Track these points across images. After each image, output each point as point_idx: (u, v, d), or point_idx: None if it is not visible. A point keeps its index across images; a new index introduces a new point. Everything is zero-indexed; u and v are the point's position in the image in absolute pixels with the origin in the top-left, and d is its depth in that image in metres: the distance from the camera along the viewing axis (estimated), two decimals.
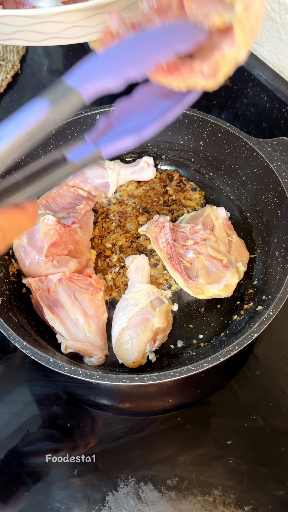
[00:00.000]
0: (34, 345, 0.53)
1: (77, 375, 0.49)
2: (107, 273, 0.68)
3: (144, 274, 0.65)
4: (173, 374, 0.49)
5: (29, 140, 0.30)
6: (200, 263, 0.64)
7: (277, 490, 0.52)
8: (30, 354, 0.51)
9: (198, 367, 0.50)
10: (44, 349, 0.55)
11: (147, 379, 0.49)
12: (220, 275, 0.63)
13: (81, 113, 0.73)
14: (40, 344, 0.57)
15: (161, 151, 0.80)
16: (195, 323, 0.64)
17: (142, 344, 0.57)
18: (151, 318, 0.58)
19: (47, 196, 0.71)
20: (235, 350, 0.51)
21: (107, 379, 0.49)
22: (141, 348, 0.57)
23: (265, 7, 0.71)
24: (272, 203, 0.66)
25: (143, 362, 0.58)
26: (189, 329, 0.63)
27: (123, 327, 0.58)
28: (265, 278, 0.63)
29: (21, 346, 0.52)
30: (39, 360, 0.50)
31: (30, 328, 0.60)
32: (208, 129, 0.73)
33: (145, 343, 0.57)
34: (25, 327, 0.59)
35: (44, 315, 0.61)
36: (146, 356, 0.59)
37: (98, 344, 0.60)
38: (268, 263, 0.64)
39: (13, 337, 0.52)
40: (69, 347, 0.59)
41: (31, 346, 0.52)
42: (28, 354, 0.51)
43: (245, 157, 0.70)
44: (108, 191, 0.76)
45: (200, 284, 0.62)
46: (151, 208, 0.75)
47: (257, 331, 0.52)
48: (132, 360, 0.57)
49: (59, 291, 0.60)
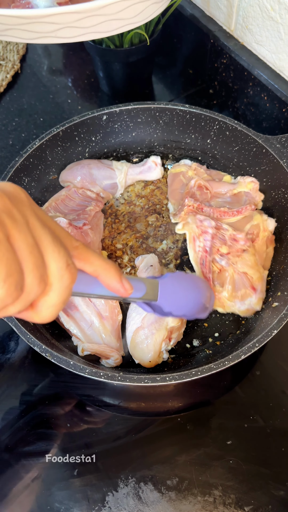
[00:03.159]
0: (52, 348, 0.52)
1: (99, 377, 0.49)
2: None
3: (155, 274, 0.65)
4: (195, 373, 0.49)
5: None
6: (230, 276, 0.62)
7: (277, 490, 0.52)
8: (50, 357, 0.51)
9: (219, 365, 0.49)
10: (61, 352, 0.54)
11: (169, 379, 0.49)
12: (245, 295, 0.61)
13: (88, 114, 0.73)
14: (57, 347, 0.57)
15: (168, 150, 0.80)
16: (209, 322, 0.63)
17: (158, 343, 0.57)
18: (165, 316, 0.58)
19: (56, 198, 0.71)
20: (255, 347, 0.51)
21: (129, 380, 0.49)
22: (156, 347, 0.57)
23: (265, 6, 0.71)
24: (282, 199, 0.66)
25: (159, 361, 0.58)
26: (204, 327, 0.63)
27: (138, 327, 0.58)
28: (278, 275, 0.63)
29: (40, 349, 0.51)
30: (59, 363, 0.50)
31: (45, 331, 0.60)
32: (216, 127, 0.73)
33: (160, 342, 0.57)
34: (41, 330, 0.59)
35: (59, 318, 0.61)
36: (162, 355, 0.58)
37: (114, 345, 0.59)
38: (281, 259, 0.64)
39: (32, 340, 0.52)
40: (85, 349, 0.58)
41: (50, 349, 0.51)
42: (47, 357, 0.51)
43: (254, 154, 0.70)
44: (116, 192, 0.75)
45: (223, 299, 0.61)
46: (160, 209, 0.75)
47: (276, 327, 0.52)
48: (149, 360, 0.57)
49: None
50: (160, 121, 0.76)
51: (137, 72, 0.88)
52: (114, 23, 0.51)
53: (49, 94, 0.94)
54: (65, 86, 0.96)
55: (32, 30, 0.48)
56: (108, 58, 0.82)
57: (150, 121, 0.76)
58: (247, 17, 0.76)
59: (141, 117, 0.76)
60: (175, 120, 0.75)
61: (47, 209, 0.67)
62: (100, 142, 0.77)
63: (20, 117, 0.90)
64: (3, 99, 0.93)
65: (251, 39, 0.79)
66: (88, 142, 0.76)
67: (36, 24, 0.47)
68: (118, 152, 0.80)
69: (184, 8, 0.89)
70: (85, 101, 0.93)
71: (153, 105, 0.74)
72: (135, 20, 0.53)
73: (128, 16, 0.51)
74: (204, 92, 0.93)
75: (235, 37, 0.83)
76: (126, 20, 0.52)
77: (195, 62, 0.95)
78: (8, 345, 0.64)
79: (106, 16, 0.49)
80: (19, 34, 0.49)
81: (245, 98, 0.84)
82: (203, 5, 0.87)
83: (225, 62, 0.84)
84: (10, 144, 0.86)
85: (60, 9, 0.45)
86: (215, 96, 0.92)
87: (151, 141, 0.79)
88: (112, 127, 0.76)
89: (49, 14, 0.45)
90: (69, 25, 0.48)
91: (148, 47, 0.81)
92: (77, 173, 0.73)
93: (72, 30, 0.49)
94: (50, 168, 0.74)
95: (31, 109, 0.91)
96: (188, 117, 0.74)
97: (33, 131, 0.87)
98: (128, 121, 0.76)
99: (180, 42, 0.96)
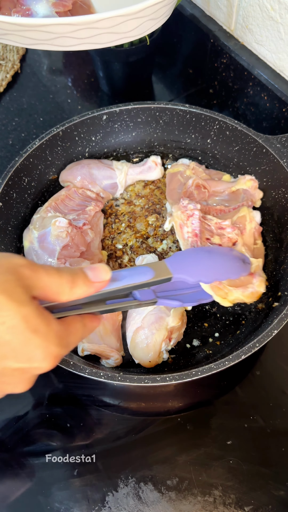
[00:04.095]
0: None
1: (99, 377, 0.49)
2: None
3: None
4: (195, 373, 0.49)
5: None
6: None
7: (277, 490, 0.52)
8: None
9: (219, 365, 0.49)
10: None
11: (169, 379, 0.49)
12: (245, 280, 0.58)
13: (88, 114, 0.72)
14: None
15: (167, 150, 0.80)
16: (209, 322, 0.63)
17: (157, 343, 0.57)
18: (165, 316, 0.58)
19: (56, 198, 0.70)
20: (255, 347, 0.50)
21: (129, 380, 0.49)
22: (156, 347, 0.57)
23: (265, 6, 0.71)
24: (283, 199, 0.66)
25: (159, 361, 0.58)
26: (204, 327, 0.63)
27: (138, 327, 0.58)
28: (278, 275, 0.63)
29: None
30: (59, 363, 0.50)
31: None
32: (216, 126, 0.72)
33: (160, 342, 0.57)
34: None
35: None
36: (162, 356, 0.58)
37: (114, 345, 0.59)
38: (282, 259, 0.64)
39: None
40: (86, 349, 0.58)
41: None
42: None
43: (254, 154, 0.70)
44: (116, 191, 0.75)
45: (223, 285, 0.56)
46: (160, 209, 0.75)
47: (277, 327, 0.52)
48: (149, 360, 0.57)
49: None
50: (160, 121, 0.76)
51: (137, 72, 0.88)
52: (109, 36, 0.52)
53: (49, 94, 0.94)
54: (65, 86, 0.96)
55: (30, 36, 0.49)
56: (108, 58, 0.82)
57: (150, 121, 0.76)
58: (247, 17, 0.76)
59: (141, 117, 0.76)
60: (175, 120, 0.75)
61: (47, 209, 0.67)
62: (100, 142, 0.77)
63: (20, 117, 0.90)
64: (3, 99, 0.93)
65: (251, 39, 0.79)
66: (88, 142, 0.76)
67: (34, 32, 0.48)
68: (118, 152, 0.79)
69: (184, 8, 0.89)
70: (85, 101, 0.93)
71: (153, 105, 0.74)
72: (132, 34, 0.54)
73: (123, 30, 0.52)
74: (204, 92, 0.93)
75: (235, 37, 0.83)
76: (122, 34, 0.53)
77: (195, 62, 0.94)
78: None
79: (101, 29, 0.50)
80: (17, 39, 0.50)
81: (245, 98, 0.84)
82: (203, 5, 0.87)
83: (225, 62, 0.84)
84: (10, 144, 0.86)
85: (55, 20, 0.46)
86: (215, 96, 0.92)
87: (151, 141, 0.79)
88: (112, 127, 0.76)
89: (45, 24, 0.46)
90: (65, 35, 0.49)
91: (148, 47, 0.81)
92: (77, 173, 0.73)
93: (68, 40, 0.50)
94: (50, 168, 0.74)
95: (31, 109, 0.91)
96: (188, 117, 0.74)
97: (33, 131, 0.87)
98: (128, 121, 0.76)
99: (180, 42, 0.96)
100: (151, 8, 0.49)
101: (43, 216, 0.66)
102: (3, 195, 0.64)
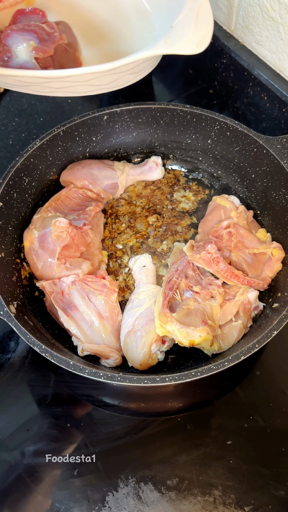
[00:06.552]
0: (52, 348, 0.52)
1: (99, 377, 0.49)
2: (118, 274, 0.68)
3: (148, 274, 0.64)
4: (195, 374, 0.49)
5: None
6: (187, 306, 0.58)
7: (277, 490, 0.52)
8: (50, 357, 0.51)
9: (219, 366, 0.49)
10: (61, 352, 0.54)
11: (168, 380, 0.49)
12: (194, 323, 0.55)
13: (89, 114, 0.72)
14: (57, 347, 0.57)
15: (168, 150, 0.80)
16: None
17: (146, 345, 0.56)
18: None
19: (56, 198, 0.70)
20: (255, 348, 0.51)
21: (129, 381, 0.49)
22: (146, 350, 0.56)
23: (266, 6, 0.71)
24: (283, 200, 0.66)
25: (152, 363, 0.58)
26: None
27: (129, 330, 0.58)
28: (278, 276, 0.63)
29: (40, 349, 0.51)
30: (59, 363, 0.50)
31: (45, 332, 0.60)
32: (216, 127, 0.73)
33: (150, 345, 0.56)
34: (40, 330, 0.59)
35: (59, 318, 0.61)
36: (155, 357, 0.58)
37: (114, 346, 0.59)
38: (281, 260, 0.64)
39: (31, 341, 0.52)
40: (85, 349, 0.58)
41: (50, 349, 0.51)
42: (47, 357, 0.51)
43: (255, 154, 0.70)
44: (117, 192, 0.76)
45: (170, 316, 0.55)
46: (161, 209, 0.75)
47: (276, 328, 0.52)
48: (139, 363, 0.57)
49: (73, 293, 0.60)
50: (161, 121, 0.76)
51: None
52: (86, 88, 0.52)
53: None
54: None
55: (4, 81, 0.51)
56: None
57: (151, 121, 0.76)
58: (247, 17, 0.76)
59: (142, 117, 0.76)
60: (175, 121, 0.75)
61: (48, 209, 0.67)
62: (101, 142, 0.77)
63: (20, 117, 0.90)
64: (3, 99, 0.93)
65: (251, 39, 0.79)
66: (88, 142, 0.76)
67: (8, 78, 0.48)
68: (118, 152, 0.80)
69: None
70: (85, 101, 0.93)
71: (153, 105, 0.74)
72: (109, 86, 0.54)
73: (99, 83, 0.52)
74: (204, 92, 0.93)
75: (235, 37, 0.83)
76: (98, 86, 0.53)
77: (195, 62, 0.94)
78: (8, 345, 0.64)
79: (76, 82, 0.50)
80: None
81: (245, 98, 0.84)
82: None
83: (225, 62, 0.84)
84: (10, 144, 0.86)
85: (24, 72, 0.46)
86: (215, 96, 0.92)
87: (151, 141, 0.79)
88: (113, 127, 0.76)
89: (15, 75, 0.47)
90: (38, 84, 0.50)
91: None
92: (77, 173, 0.73)
93: (42, 88, 0.51)
94: (51, 168, 0.74)
95: (31, 109, 0.91)
96: (188, 117, 0.74)
97: (33, 131, 0.87)
98: (128, 121, 0.76)
99: None
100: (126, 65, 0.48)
101: (43, 216, 0.66)
102: (3, 195, 0.64)
